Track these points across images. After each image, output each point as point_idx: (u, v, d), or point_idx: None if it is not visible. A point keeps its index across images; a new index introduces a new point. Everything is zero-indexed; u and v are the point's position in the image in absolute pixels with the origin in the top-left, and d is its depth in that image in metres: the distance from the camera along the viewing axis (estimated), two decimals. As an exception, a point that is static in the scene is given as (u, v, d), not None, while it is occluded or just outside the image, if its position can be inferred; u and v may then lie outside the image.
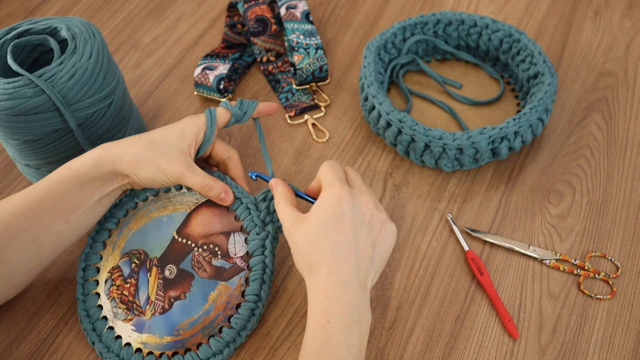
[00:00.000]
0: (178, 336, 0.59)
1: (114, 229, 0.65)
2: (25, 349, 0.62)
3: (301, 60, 0.81)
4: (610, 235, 0.68)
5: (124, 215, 0.65)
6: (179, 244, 0.62)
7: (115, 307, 0.61)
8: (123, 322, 0.61)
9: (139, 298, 0.61)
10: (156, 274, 0.62)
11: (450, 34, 0.81)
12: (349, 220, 0.54)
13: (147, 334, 0.60)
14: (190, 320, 0.59)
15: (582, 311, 0.63)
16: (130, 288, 0.62)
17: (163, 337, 0.59)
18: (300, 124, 0.79)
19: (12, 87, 0.60)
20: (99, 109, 0.65)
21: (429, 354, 0.61)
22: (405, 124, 0.69)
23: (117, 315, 0.61)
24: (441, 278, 0.65)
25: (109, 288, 0.62)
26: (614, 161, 0.73)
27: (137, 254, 0.63)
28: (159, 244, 0.63)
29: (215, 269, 0.61)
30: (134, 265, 0.62)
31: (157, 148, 0.60)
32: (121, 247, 0.64)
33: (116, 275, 0.63)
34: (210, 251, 0.61)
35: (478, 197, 0.71)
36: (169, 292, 0.61)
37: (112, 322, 0.61)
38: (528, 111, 0.69)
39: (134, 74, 0.86)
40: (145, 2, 0.96)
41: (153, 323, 0.60)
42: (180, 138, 0.61)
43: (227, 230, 0.62)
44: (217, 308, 0.59)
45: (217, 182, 0.61)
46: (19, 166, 0.71)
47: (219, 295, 0.60)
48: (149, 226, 0.64)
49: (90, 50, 0.63)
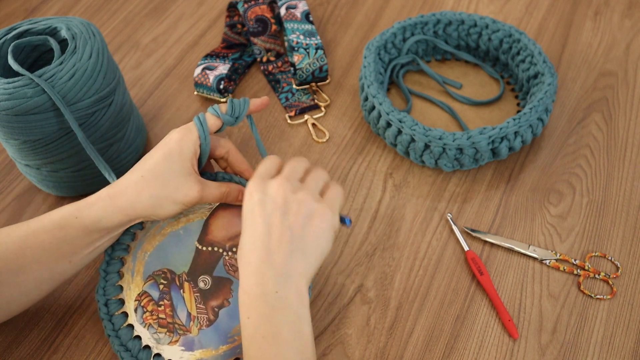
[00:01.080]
0: (234, 342, 0.58)
1: (125, 256, 0.62)
2: (25, 349, 0.62)
3: (301, 60, 0.81)
4: (610, 235, 0.68)
5: (132, 239, 0.62)
6: (204, 253, 0.61)
7: (155, 332, 0.59)
8: (169, 345, 0.58)
9: (178, 317, 0.59)
10: (190, 289, 0.60)
11: (450, 34, 0.81)
12: (258, 210, 0.53)
13: (200, 350, 0.58)
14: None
15: (582, 311, 0.63)
16: (165, 310, 0.59)
17: (218, 347, 0.58)
18: (300, 124, 0.79)
19: (12, 87, 0.60)
20: (99, 109, 0.65)
21: (429, 354, 0.61)
22: (405, 124, 0.69)
23: (160, 340, 0.59)
24: (441, 278, 0.65)
25: (142, 316, 0.59)
26: (614, 161, 0.73)
27: (161, 274, 0.61)
28: (182, 258, 0.61)
29: None
30: (162, 286, 0.60)
31: (166, 183, 0.56)
32: (141, 271, 0.61)
33: (145, 301, 0.60)
34: None
35: (478, 197, 0.71)
36: (210, 303, 0.59)
37: (157, 349, 0.59)
38: (528, 111, 0.69)
39: (134, 74, 0.86)
40: (145, 2, 0.96)
41: (203, 337, 0.58)
42: (180, 161, 0.57)
43: None
44: None
45: (230, 185, 0.60)
46: (19, 166, 0.71)
47: None
48: (165, 243, 0.61)
49: (90, 50, 0.63)
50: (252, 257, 0.52)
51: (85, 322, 0.64)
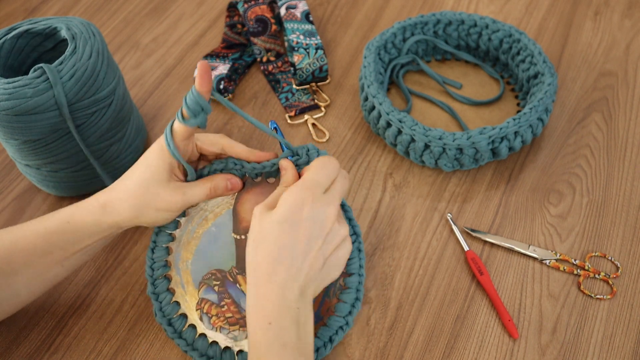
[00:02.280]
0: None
1: (169, 272, 0.61)
2: (25, 349, 0.62)
3: (301, 60, 0.81)
4: (610, 235, 0.68)
5: (168, 253, 0.61)
6: (244, 241, 0.60)
7: (229, 332, 0.59)
8: (247, 339, 0.56)
9: (244, 310, 0.59)
10: (245, 280, 0.59)
11: (450, 34, 0.81)
12: (306, 228, 0.52)
13: None
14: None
15: (582, 311, 0.63)
16: (230, 308, 0.59)
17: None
18: (300, 124, 0.79)
19: (12, 87, 0.60)
20: (99, 109, 0.65)
21: (429, 354, 0.61)
22: (405, 124, 0.69)
23: (237, 337, 0.58)
24: (441, 278, 0.65)
25: (209, 322, 0.59)
26: (614, 161, 0.73)
27: (211, 276, 0.60)
28: (225, 253, 0.60)
29: None
30: (217, 287, 0.60)
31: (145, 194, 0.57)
32: (190, 281, 0.61)
33: (207, 307, 0.60)
34: None
35: (478, 197, 0.71)
36: None
37: (237, 346, 0.58)
38: (528, 111, 0.69)
39: (134, 74, 0.86)
40: (145, 2, 0.96)
41: None
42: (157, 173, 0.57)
43: None
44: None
45: (216, 177, 0.59)
46: (19, 166, 0.71)
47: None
48: (202, 245, 0.61)
49: (90, 50, 0.63)
50: (281, 270, 0.52)
51: (85, 322, 0.64)
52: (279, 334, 0.50)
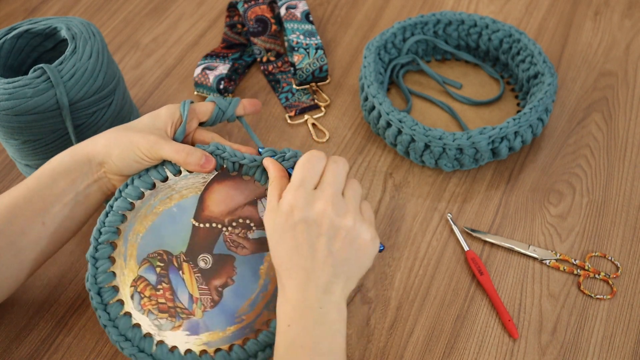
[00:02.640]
0: (242, 322, 0.55)
1: (116, 240, 0.58)
2: (25, 349, 0.62)
3: (301, 60, 0.81)
4: (610, 235, 0.68)
5: (122, 220, 0.59)
6: (202, 230, 0.58)
7: (156, 319, 0.56)
8: (172, 331, 0.55)
9: (179, 300, 0.56)
10: (190, 269, 0.57)
11: (450, 34, 0.81)
12: (302, 230, 0.52)
13: (206, 333, 0.55)
14: (249, 301, 0.55)
15: (582, 311, 0.63)
16: (165, 294, 0.56)
17: (225, 329, 0.55)
18: (300, 124, 0.79)
19: (12, 87, 0.60)
20: (99, 109, 0.65)
21: (429, 354, 0.61)
22: (405, 124, 0.69)
23: (162, 326, 0.56)
24: (441, 278, 0.65)
25: (139, 302, 0.56)
26: (614, 161, 0.73)
27: (157, 256, 0.58)
28: (179, 237, 0.58)
29: (255, 243, 0.57)
30: (159, 269, 0.57)
31: (130, 128, 0.60)
32: (134, 255, 0.58)
33: (142, 286, 0.57)
34: (242, 226, 0.57)
35: (478, 197, 0.71)
36: (213, 282, 0.56)
37: (159, 336, 0.55)
38: (528, 111, 0.69)
39: (134, 74, 0.86)
40: (145, 2, 0.96)
41: (208, 319, 0.55)
42: (153, 118, 0.61)
43: (252, 199, 0.58)
44: (273, 279, 0.56)
45: (196, 149, 0.59)
46: (19, 166, 0.71)
47: (270, 266, 0.56)
48: (158, 223, 0.58)
49: (90, 50, 0.63)
50: (296, 273, 0.51)
51: (86, 322, 0.64)
52: (298, 336, 0.50)
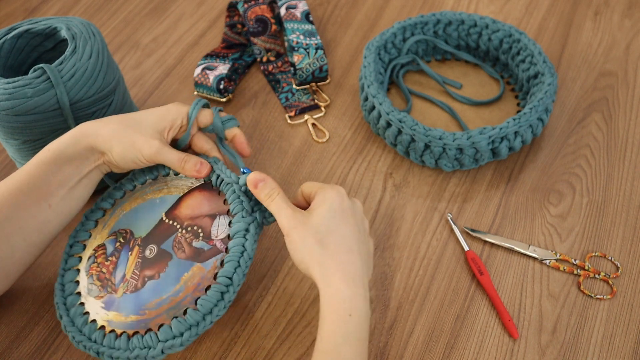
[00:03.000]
0: (143, 316, 0.57)
1: (108, 209, 0.65)
2: (25, 349, 0.62)
3: (301, 60, 0.81)
4: (610, 235, 0.68)
5: (121, 196, 0.65)
6: (165, 224, 0.61)
7: (92, 283, 0.60)
8: (95, 299, 0.59)
9: (115, 276, 0.60)
10: (137, 253, 0.60)
11: (450, 34, 0.81)
12: (351, 215, 0.55)
13: (114, 312, 0.58)
14: (159, 300, 0.57)
15: (582, 311, 0.63)
16: (109, 266, 0.61)
17: (129, 316, 0.57)
18: (300, 124, 0.79)
19: (12, 87, 0.60)
20: (99, 109, 0.65)
21: (429, 354, 0.61)
22: (405, 124, 0.69)
23: (91, 292, 0.60)
24: (441, 278, 0.65)
25: (90, 265, 0.62)
26: (614, 161, 0.73)
27: (123, 233, 0.62)
28: (146, 224, 0.62)
29: (194, 250, 0.59)
30: (118, 244, 0.62)
31: (133, 126, 0.60)
32: (111, 226, 0.63)
33: (99, 252, 0.62)
34: (193, 233, 0.59)
35: (478, 197, 0.71)
36: (145, 272, 0.59)
37: (84, 299, 0.60)
38: (528, 111, 0.69)
39: (134, 74, 0.86)
40: (145, 2, 0.96)
41: (122, 301, 0.58)
42: (159, 119, 0.61)
43: (213, 213, 0.60)
44: (187, 289, 0.56)
45: (192, 156, 0.62)
46: (19, 166, 0.71)
47: (192, 276, 0.57)
48: (141, 207, 0.63)
49: (90, 50, 0.63)
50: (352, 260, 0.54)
51: (85, 322, 0.64)
52: (358, 327, 0.52)
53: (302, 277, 0.66)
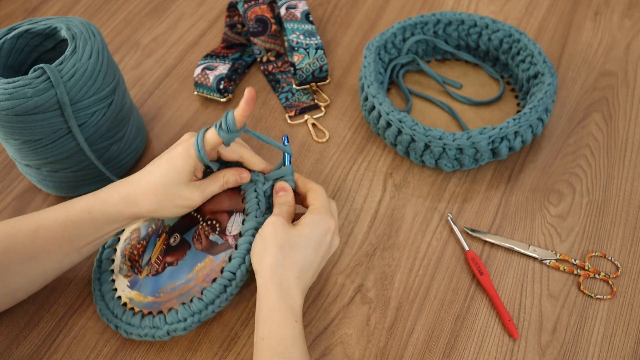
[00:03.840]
0: (158, 298, 0.61)
1: None
2: (25, 349, 0.62)
3: (301, 60, 0.81)
4: (610, 235, 0.68)
5: None
6: (191, 216, 0.64)
7: (123, 263, 0.65)
8: (123, 277, 0.64)
9: (143, 259, 0.64)
10: (163, 240, 0.64)
11: (450, 34, 0.81)
12: (324, 250, 0.60)
13: (135, 292, 0.62)
14: (173, 285, 0.61)
15: (582, 311, 0.63)
16: (140, 249, 0.65)
17: (147, 297, 0.61)
18: (300, 124, 0.79)
19: (12, 87, 0.60)
20: (99, 109, 0.65)
21: (429, 354, 0.61)
22: (405, 124, 0.69)
23: (122, 270, 0.64)
24: (441, 278, 0.65)
25: (125, 246, 0.66)
26: (614, 161, 0.73)
27: (156, 220, 0.66)
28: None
29: (209, 243, 0.62)
30: (150, 230, 0.66)
31: (168, 193, 0.59)
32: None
33: (134, 235, 0.66)
34: (211, 226, 0.63)
35: (478, 197, 0.71)
36: (167, 258, 0.63)
37: (115, 276, 0.65)
38: (528, 111, 0.69)
39: (134, 74, 0.86)
40: (145, 2, 0.96)
41: (144, 283, 0.62)
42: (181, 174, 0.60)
43: (231, 209, 0.63)
44: (197, 279, 0.60)
45: (225, 174, 0.63)
46: (19, 166, 0.71)
47: (203, 267, 0.60)
48: None
49: (90, 50, 0.63)
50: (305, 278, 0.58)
51: (86, 322, 0.64)
52: (302, 331, 0.55)
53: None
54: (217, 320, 0.63)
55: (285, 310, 0.55)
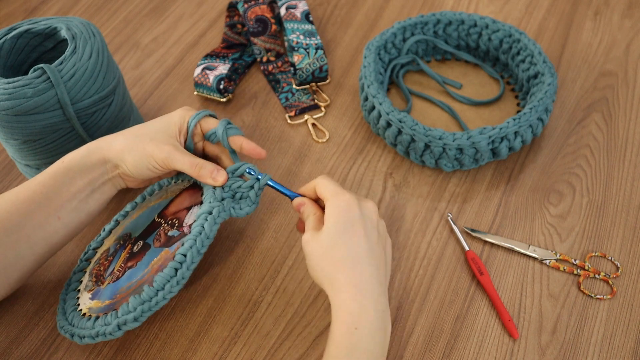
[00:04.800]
0: (114, 299, 0.59)
1: (121, 220, 0.68)
2: (25, 349, 0.62)
3: (301, 60, 0.81)
4: (610, 235, 0.68)
5: (133, 208, 0.69)
6: (155, 223, 0.64)
7: (90, 280, 0.63)
8: (87, 292, 0.62)
9: (107, 271, 0.62)
10: (128, 250, 0.63)
11: (450, 34, 0.81)
12: (360, 225, 0.55)
13: (96, 300, 0.60)
14: (129, 284, 0.59)
15: (582, 311, 0.63)
16: (106, 264, 0.63)
17: (104, 301, 0.60)
18: (300, 124, 0.79)
19: (12, 87, 0.60)
20: (99, 109, 0.65)
21: (429, 354, 0.61)
22: (405, 124, 0.69)
23: (86, 287, 0.63)
24: (441, 278, 0.65)
25: (94, 266, 0.64)
26: (614, 161, 0.73)
27: (124, 236, 0.65)
28: (142, 225, 0.65)
29: (167, 239, 0.61)
30: (118, 245, 0.64)
31: (144, 134, 0.60)
32: (118, 233, 0.66)
33: (104, 256, 0.65)
34: (171, 224, 0.62)
35: (478, 197, 0.71)
36: (128, 263, 0.61)
37: (80, 294, 0.63)
38: (528, 111, 0.69)
39: (134, 74, 0.86)
40: (145, 2, 0.96)
41: (105, 290, 0.61)
42: (167, 124, 0.62)
43: (190, 205, 0.62)
44: (152, 271, 0.58)
45: (208, 162, 0.61)
46: (19, 166, 0.71)
47: (158, 259, 0.59)
48: (143, 214, 0.66)
49: (90, 50, 0.63)
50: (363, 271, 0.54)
51: (85, 322, 0.64)
52: (363, 340, 0.51)
53: (302, 277, 0.66)
54: (217, 320, 0.63)
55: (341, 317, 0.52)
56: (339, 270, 0.54)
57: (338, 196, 0.56)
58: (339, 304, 0.53)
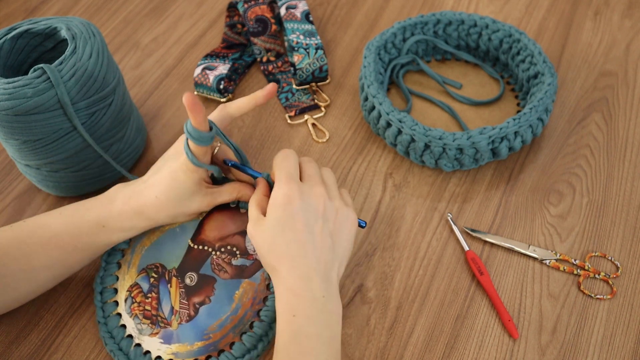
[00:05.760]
0: (209, 340, 0.59)
1: (126, 249, 0.65)
2: (25, 349, 0.62)
3: (301, 60, 0.81)
4: (610, 235, 0.68)
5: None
6: (195, 251, 0.63)
7: (140, 323, 0.61)
8: (149, 336, 0.60)
9: (162, 310, 0.61)
10: (177, 284, 0.62)
11: (450, 34, 0.81)
12: (301, 218, 0.55)
13: (176, 344, 0.59)
14: (219, 322, 0.59)
15: (582, 311, 0.63)
16: (152, 302, 0.62)
17: (194, 343, 0.59)
18: (300, 124, 0.79)
19: (12, 87, 0.60)
20: (99, 109, 0.65)
21: (429, 354, 0.61)
22: (405, 124, 0.69)
23: (142, 331, 0.60)
24: (441, 278, 0.65)
25: (130, 306, 0.62)
26: (614, 161, 0.73)
27: (154, 268, 0.63)
28: (175, 254, 0.63)
29: (236, 269, 0.61)
30: (153, 280, 0.63)
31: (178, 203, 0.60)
32: (136, 264, 0.64)
33: (135, 292, 0.62)
34: (228, 252, 0.62)
35: (478, 197, 0.71)
36: (193, 299, 0.61)
37: (138, 339, 0.60)
38: (528, 111, 0.69)
39: (134, 74, 0.86)
40: (145, 2, 0.96)
41: (181, 332, 0.60)
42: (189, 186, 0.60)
43: (241, 230, 0.63)
44: (244, 305, 0.60)
45: (241, 190, 0.63)
46: (19, 166, 0.71)
47: (244, 292, 0.60)
48: (162, 239, 0.64)
49: (90, 50, 0.63)
50: (301, 263, 0.54)
51: (86, 322, 0.64)
52: (303, 326, 0.52)
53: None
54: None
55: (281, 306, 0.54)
56: (280, 262, 0.55)
57: (278, 189, 0.56)
58: (279, 294, 0.55)
